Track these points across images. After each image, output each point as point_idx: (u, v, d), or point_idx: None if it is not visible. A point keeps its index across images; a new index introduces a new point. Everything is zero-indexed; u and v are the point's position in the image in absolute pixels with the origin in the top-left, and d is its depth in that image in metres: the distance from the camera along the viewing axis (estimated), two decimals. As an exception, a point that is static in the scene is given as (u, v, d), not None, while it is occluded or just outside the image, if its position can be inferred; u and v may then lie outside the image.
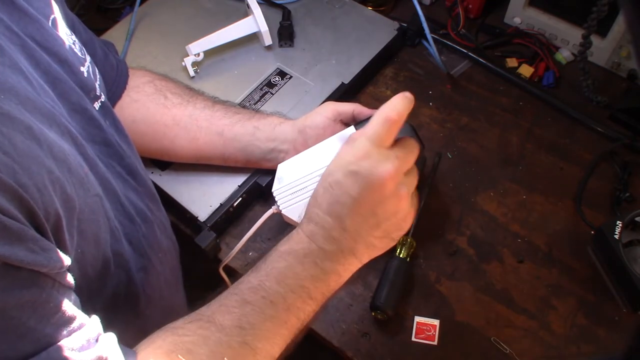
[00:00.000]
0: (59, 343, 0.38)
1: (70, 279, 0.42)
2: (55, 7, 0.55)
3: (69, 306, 0.40)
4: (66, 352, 0.38)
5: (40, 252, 0.37)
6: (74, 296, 0.42)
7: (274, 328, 0.50)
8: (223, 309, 0.49)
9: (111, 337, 0.43)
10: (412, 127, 0.67)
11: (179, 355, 0.45)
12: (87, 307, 0.43)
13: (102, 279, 0.51)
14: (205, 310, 0.49)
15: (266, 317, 0.49)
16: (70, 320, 0.40)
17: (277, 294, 0.50)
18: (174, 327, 0.48)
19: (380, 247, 0.54)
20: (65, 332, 0.39)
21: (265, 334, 0.49)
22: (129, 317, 0.57)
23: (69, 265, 0.42)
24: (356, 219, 0.51)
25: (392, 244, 0.55)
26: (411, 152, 0.53)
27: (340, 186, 0.51)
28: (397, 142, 0.53)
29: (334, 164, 0.52)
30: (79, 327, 0.40)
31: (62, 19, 0.56)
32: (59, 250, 0.40)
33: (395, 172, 0.50)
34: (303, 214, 0.55)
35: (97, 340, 0.42)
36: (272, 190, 0.67)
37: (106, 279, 0.52)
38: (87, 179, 0.48)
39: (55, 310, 0.39)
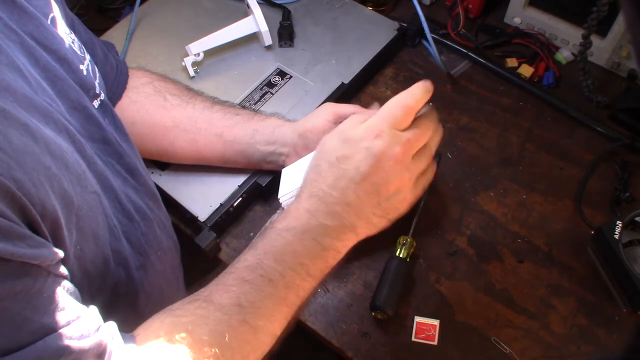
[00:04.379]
0: (56, 332, 0.38)
1: (63, 269, 0.42)
2: (55, 6, 0.55)
3: (65, 297, 0.40)
4: (64, 341, 0.38)
5: (28, 249, 0.37)
6: (71, 287, 0.42)
7: (273, 306, 0.49)
8: (221, 287, 0.49)
9: (111, 326, 0.43)
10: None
11: (177, 336, 0.44)
12: (87, 303, 0.43)
13: (102, 277, 0.51)
14: (202, 291, 0.49)
15: (265, 295, 0.49)
16: (67, 310, 0.40)
17: (275, 272, 0.50)
18: (171, 309, 0.48)
19: (377, 226, 0.55)
20: (63, 322, 0.39)
21: (265, 311, 0.49)
22: (129, 314, 0.57)
23: (63, 258, 0.42)
24: (361, 194, 0.52)
25: (387, 225, 0.56)
26: (424, 133, 0.54)
27: (349, 161, 0.52)
28: (414, 120, 0.54)
29: (342, 138, 0.53)
30: (77, 317, 0.40)
31: (62, 18, 0.56)
32: (51, 246, 0.40)
33: (403, 155, 0.52)
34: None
35: (97, 330, 0.42)
36: (278, 196, 0.66)
37: (106, 276, 0.52)
38: (84, 176, 0.48)
39: (50, 300, 0.39)
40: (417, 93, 0.54)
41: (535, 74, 0.91)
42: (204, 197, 0.77)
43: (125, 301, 0.56)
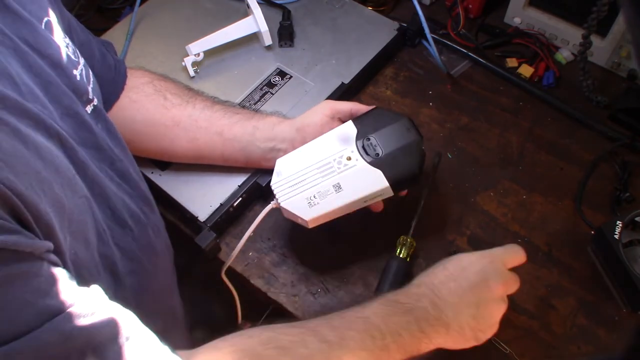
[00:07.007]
0: (64, 313, 0.38)
1: (57, 260, 0.42)
2: (50, 10, 0.55)
3: (65, 279, 0.40)
4: (72, 320, 0.38)
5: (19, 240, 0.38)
6: (69, 275, 0.42)
7: (366, 357, 0.54)
8: (328, 324, 0.54)
9: (130, 314, 0.44)
10: (411, 120, 0.68)
11: (272, 349, 0.48)
12: None
13: (94, 282, 0.51)
14: (307, 323, 0.54)
15: (365, 347, 0.53)
16: (70, 290, 0.40)
17: (378, 331, 0.54)
18: (271, 327, 0.51)
19: (466, 338, 0.59)
20: (68, 303, 0.39)
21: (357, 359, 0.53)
22: None
23: (61, 260, 0.42)
24: (463, 301, 0.58)
25: (473, 343, 0.59)
26: (516, 285, 0.62)
27: (463, 271, 0.60)
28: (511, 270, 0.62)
29: (459, 255, 0.62)
30: (82, 298, 0.40)
31: (57, 22, 0.56)
32: (41, 239, 0.40)
33: (505, 287, 0.60)
34: (302, 207, 0.64)
35: (105, 308, 0.42)
36: (271, 184, 0.67)
37: (97, 282, 0.52)
38: (74, 180, 0.48)
39: (50, 283, 0.39)
40: (520, 253, 0.63)
41: (535, 74, 0.91)
42: (204, 197, 0.77)
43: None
